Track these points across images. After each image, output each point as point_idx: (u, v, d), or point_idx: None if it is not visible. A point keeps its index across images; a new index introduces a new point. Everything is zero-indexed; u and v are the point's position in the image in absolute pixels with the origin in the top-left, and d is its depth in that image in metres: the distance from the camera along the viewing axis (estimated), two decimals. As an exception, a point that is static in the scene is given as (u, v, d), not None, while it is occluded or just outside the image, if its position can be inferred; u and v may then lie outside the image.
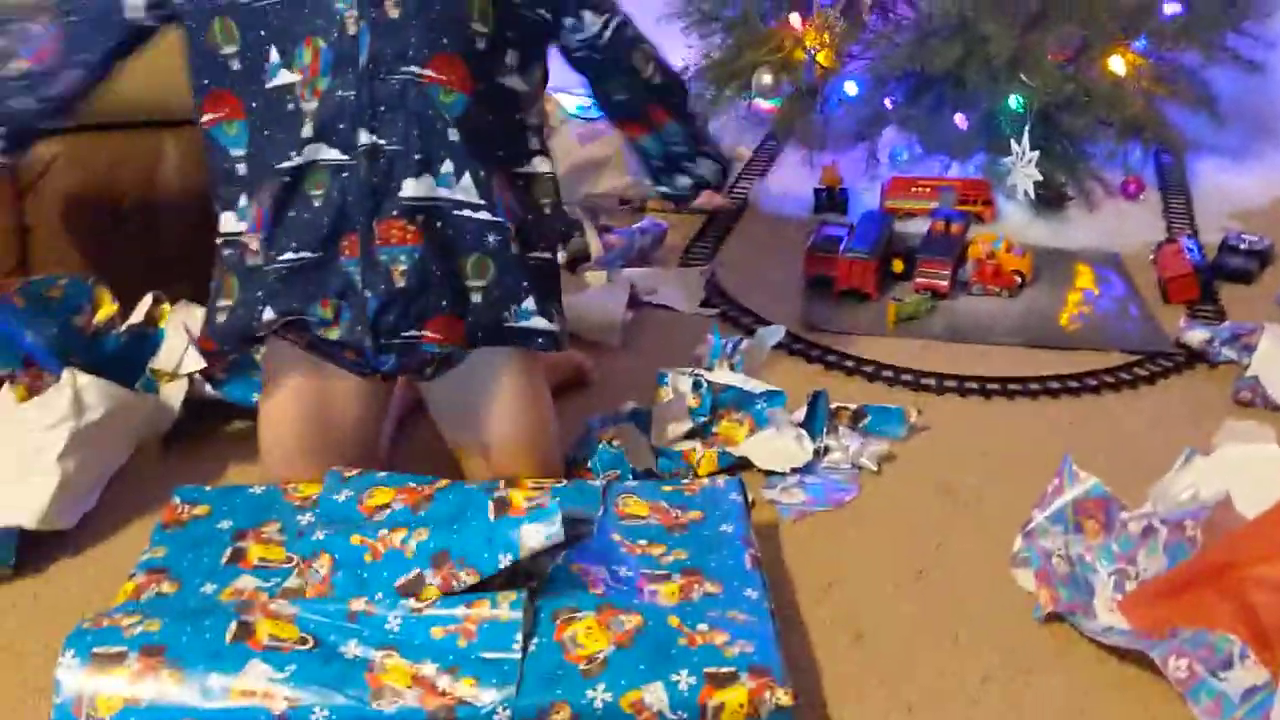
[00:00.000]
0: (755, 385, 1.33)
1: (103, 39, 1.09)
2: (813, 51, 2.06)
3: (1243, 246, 1.82)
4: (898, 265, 1.77)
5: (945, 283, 1.71)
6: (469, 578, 0.91)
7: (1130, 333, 1.64)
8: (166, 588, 0.98)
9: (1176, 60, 2.05)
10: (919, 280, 1.73)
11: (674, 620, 0.92)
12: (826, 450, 1.32)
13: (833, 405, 1.37)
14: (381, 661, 0.88)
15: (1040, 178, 1.89)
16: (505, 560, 0.91)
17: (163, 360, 1.27)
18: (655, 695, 0.87)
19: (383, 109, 1.01)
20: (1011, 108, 1.99)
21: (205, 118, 1.06)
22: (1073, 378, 1.51)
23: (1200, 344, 1.55)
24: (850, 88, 2.09)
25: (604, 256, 1.73)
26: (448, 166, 1.03)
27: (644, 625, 0.91)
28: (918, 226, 1.88)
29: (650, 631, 0.91)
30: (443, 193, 1.04)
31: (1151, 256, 1.84)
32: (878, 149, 2.12)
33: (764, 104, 2.30)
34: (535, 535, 0.91)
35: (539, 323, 1.11)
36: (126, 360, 1.27)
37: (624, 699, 0.86)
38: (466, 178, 1.04)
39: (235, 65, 1.02)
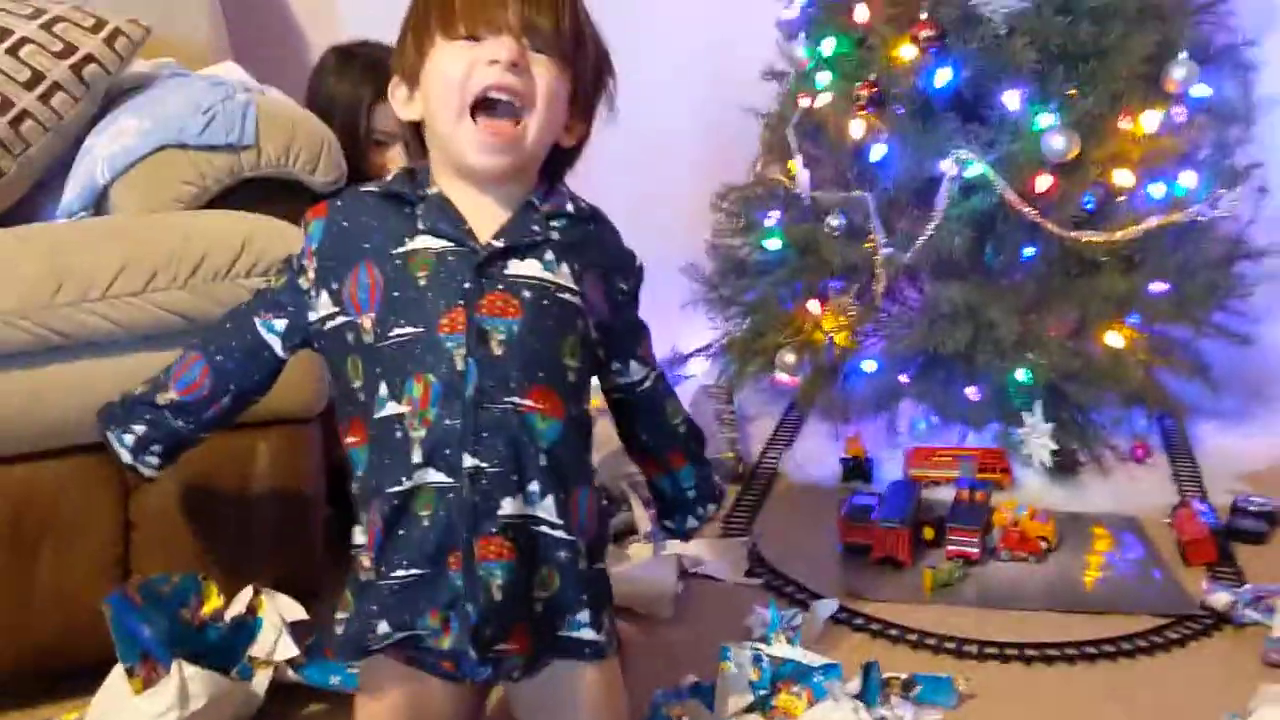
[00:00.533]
0: (813, 658, 1.40)
1: (253, 371, 1.24)
2: (830, 335, 2.23)
3: (1252, 508, 1.92)
4: (928, 533, 1.87)
5: (976, 550, 1.81)
6: None
7: (1157, 596, 1.72)
8: None
9: (1168, 334, 2.22)
10: (950, 548, 1.82)
11: None
12: (882, 720, 1.38)
13: (884, 675, 1.44)
14: None
15: (1055, 446, 2.01)
16: None
17: (259, 648, 1.34)
18: None
19: (485, 434, 1.10)
20: (1020, 381, 2.13)
21: (346, 440, 1.18)
22: (1107, 642, 1.58)
23: (1225, 606, 1.63)
24: (868, 365, 2.25)
25: (650, 530, 1.82)
26: (534, 486, 1.12)
27: None
28: (942, 494, 1.98)
29: None
30: (529, 511, 1.13)
31: (1168, 520, 1.94)
32: (896, 420, 2.26)
33: (785, 378, 2.46)
34: None
35: (587, 634, 1.17)
36: (227, 648, 1.34)
37: None
38: (550, 498, 1.13)
39: (361, 397, 1.14)
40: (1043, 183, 2.04)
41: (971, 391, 2.22)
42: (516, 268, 1.13)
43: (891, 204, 2.19)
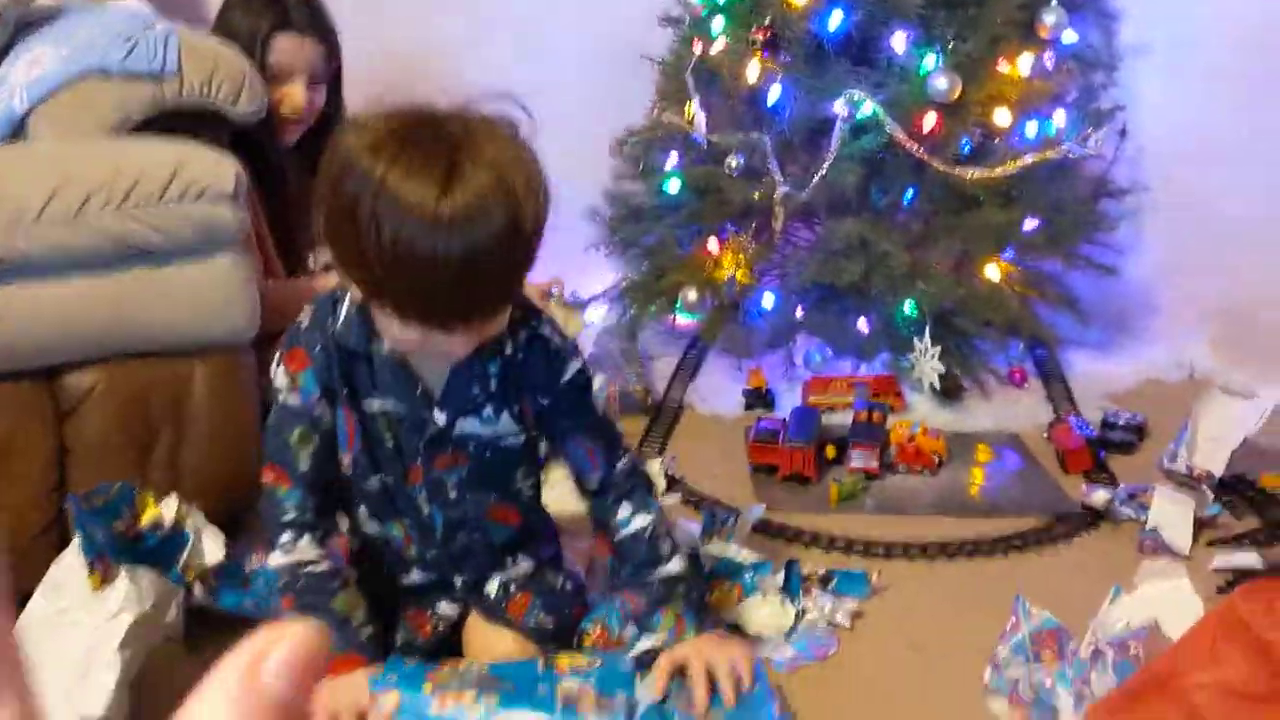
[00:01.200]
0: (746, 556, 1.49)
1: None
2: (731, 272, 2.32)
3: (1121, 422, 2.08)
4: (830, 452, 1.98)
5: (875, 465, 1.93)
6: None
7: (1041, 498, 1.86)
8: None
9: (1041, 268, 2.38)
10: (852, 464, 1.93)
11: None
12: (804, 612, 1.48)
13: (803, 572, 1.54)
14: None
15: (943, 369, 2.14)
16: None
17: (190, 557, 1.37)
18: None
19: (457, 548, 1.31)
20: (907, 313, 2.26)
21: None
22: (1000, 539, 1.72)
23: (1103, 504, 1.78)
24: (767, 300, 2.35)
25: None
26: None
27: None
28: (840, 418, 2.10)
29: None
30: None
31: (1046, 435, 2.09)
32: (794, 354, 2.37)
33: (684, 319, 2.55)
34: None
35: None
36: (161, 559, 1.35)
37: None
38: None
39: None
40: (928, 122, 2.16)
41: (863, 324, 2.34)
42: (462, 427, 1.25)
43: (786, 145, 2.29)
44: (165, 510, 1.39)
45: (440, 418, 1.22)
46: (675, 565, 1.29)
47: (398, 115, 1.06)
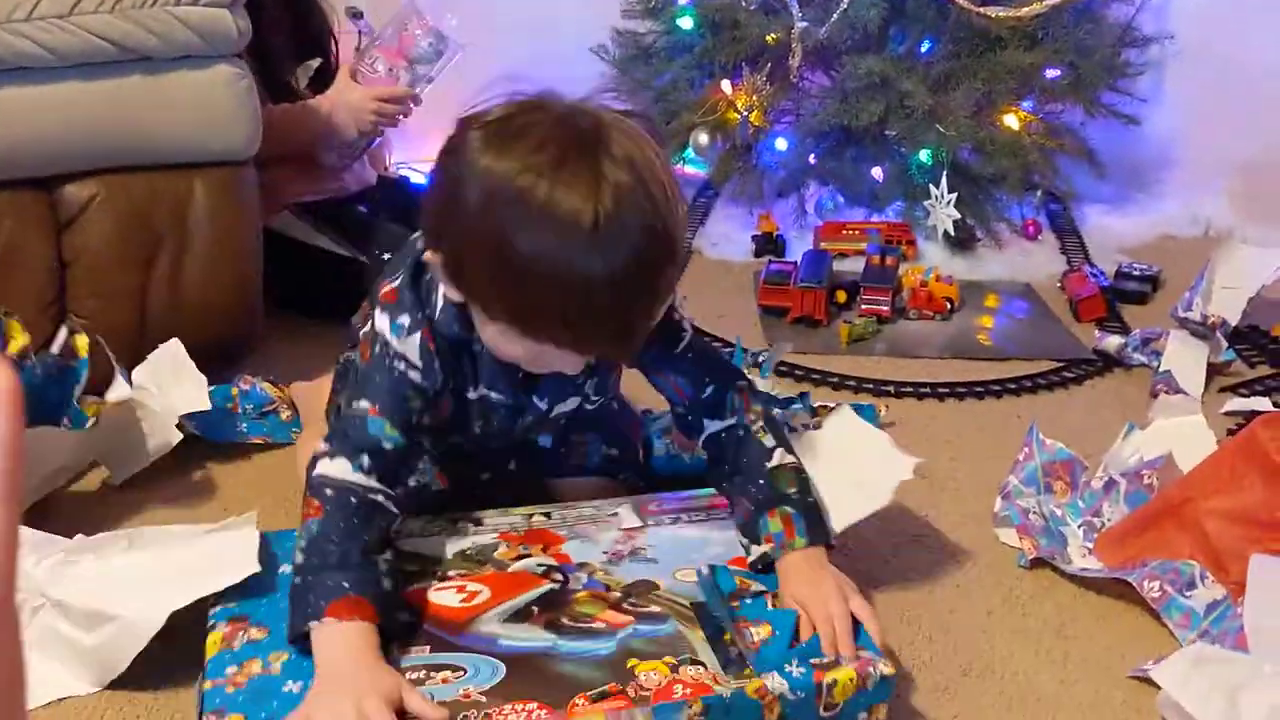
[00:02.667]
0: (778, 391, 1.49)
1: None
2: (745, 113, 2.26)
3: (1135, 273, 2.05)
4: (840, 296, 1.95)
5: (887, 308, 1.90)
6: None
7: (1052, 343, 1.85)
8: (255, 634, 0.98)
9: (1059, 118, 2.31)
10: (864, 306, 1.91)
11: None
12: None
13: (815, 404, 1.53)
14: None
15: (959, 216, 2.10)
16: None
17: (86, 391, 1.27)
18: (775, 682, 0.94)
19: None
20: (923, 161, 2.21)
21: None
22: (1011, 380, 1.70)
23: (1116, 349, 1.76)
24: (780, 144, 2.29)
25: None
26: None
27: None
28: (851, 264, 2.07)
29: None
30: None
31: (1059, 283, 2.06)
32: (805, 201, 2.32)
33: (690, 168, 2.49)
34: None
35: None
36: (48, 394, 1.25)
37: (748, 687, 0.93)
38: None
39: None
40: (954, -43, 2.08)
41: (877, 172, 2.29)
42: (559, 408, 1.16)
43: (805, -21, 2.20)
44: (55, 343, 1.27)
45: (541, 404, 1.14)
46: (777, 458, 1.13)
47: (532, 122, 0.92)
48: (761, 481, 1.11)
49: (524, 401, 1.13)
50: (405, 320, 1.04)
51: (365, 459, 1.01)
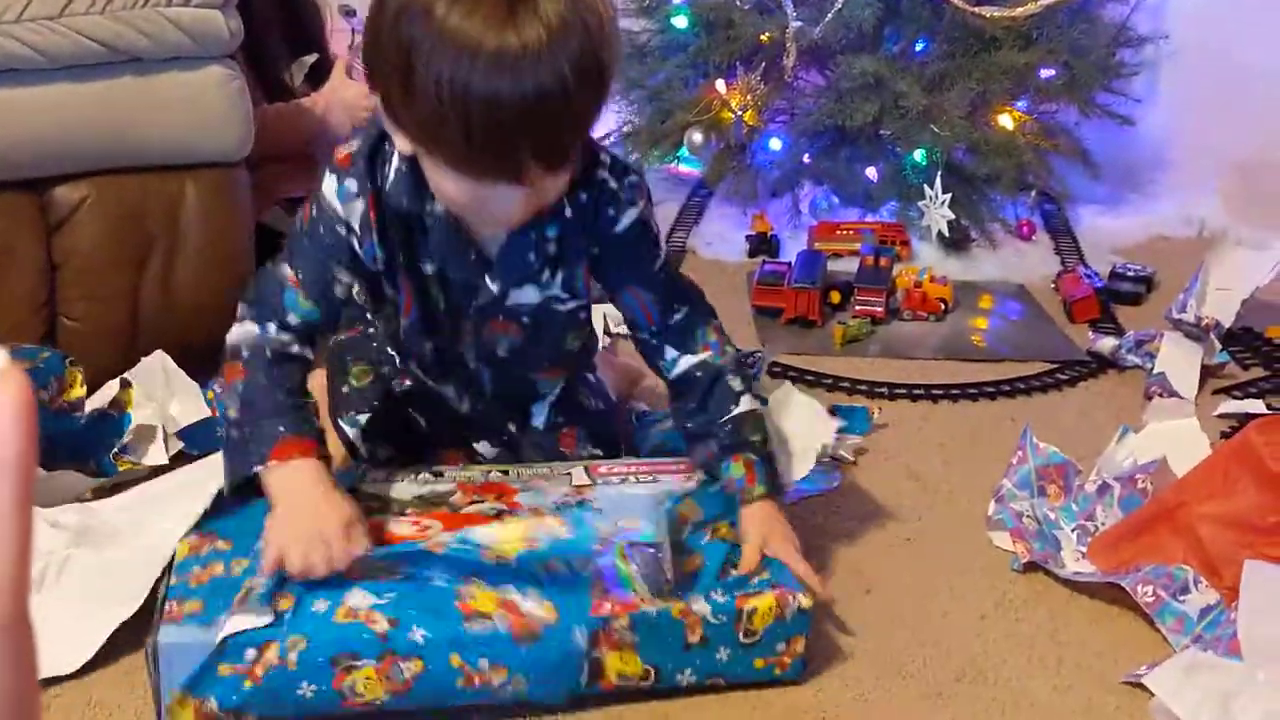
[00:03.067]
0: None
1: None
2: (740, 112, 2.25)
3: (1130, 274, 2.05)
4: (835, 296, 1.95)
5: (881, 309, 1.90)
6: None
7: (1046, 345, 1.84)
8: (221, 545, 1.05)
9: (1053, 118, 2.31)
10: (858, 307, 1.91)
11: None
12: (809, 447, 1.47)
13: (808, 408, 1.53)
14: (469, 590, 0.98)
15: (953, 217, 2.10)
16: None
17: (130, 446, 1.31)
18: (699, 605, 1.02)
19: (501, 401, 1.25)
20: (917, 161, 2.21)
21: None
22: (1004, 382, 1.70)
23: (1110, 351, 1.76)
24: (775, 143, 2.29)
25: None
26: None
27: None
28: (845, 265, 2.06)
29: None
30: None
31: (1053, 284, 2.06)
32: (799, 201, 2.32)
33: (687, 168, 2.49)
34: None
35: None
36: (86, 441, 1.28)
37: (673, 609, 1.01)
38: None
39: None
40: (948, -43, 2.07)
41: (871, 172, 2.29)
42: (515, 296, 1.15)
43: (799, -21, 2.19)
44: (101, 394, 1.32)
45: (494, 286, 1.13)
46: (745, 404, 1.16)
47: None
48: (729, 426, 1.15)
49: (475, 281, 1.13)
50: (353, 186, 1.07)
51: (272, 327, 1.07)
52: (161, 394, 1.35)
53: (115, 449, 1.30)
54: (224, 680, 0.94)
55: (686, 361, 1.18)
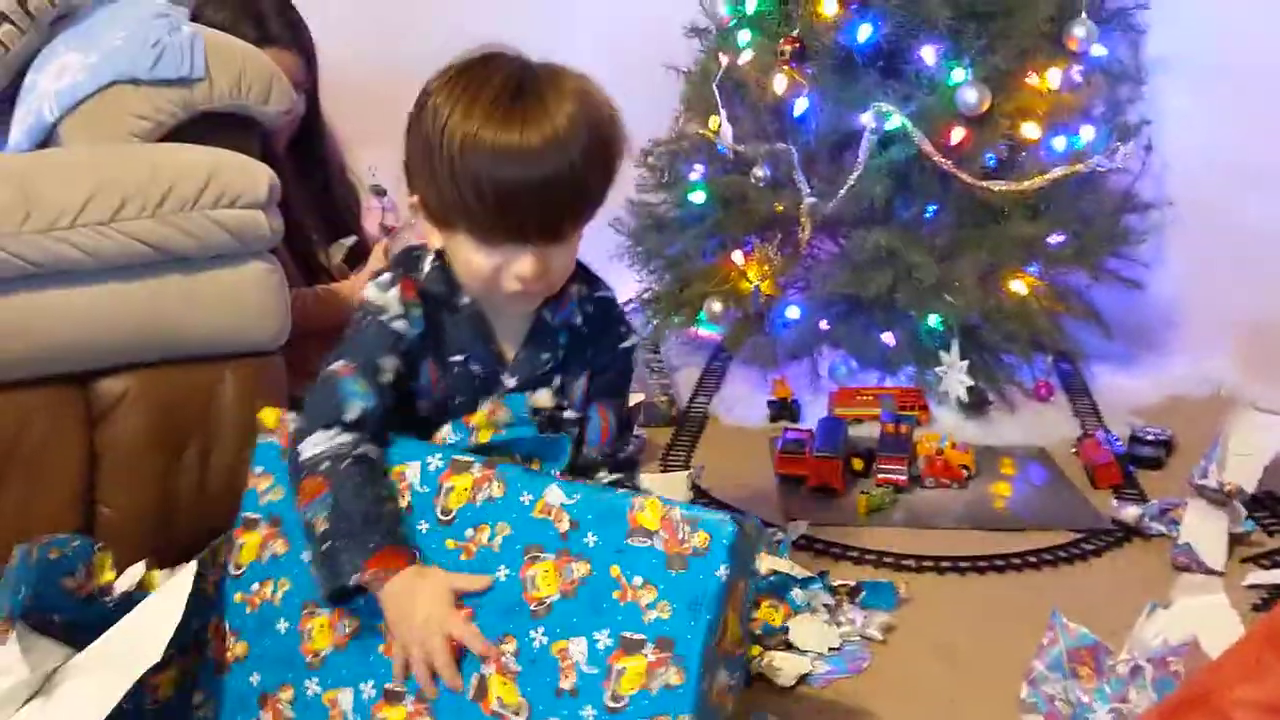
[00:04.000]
0: (799, 571, 1.50)
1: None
2: (757, 283, 2.31)
3: (1149, 437, 2.07)
4: (857, 464, 1.97)
5: (904, 477, 1.92)
6: None
7: (1071, 513, 1.85)
8: (280, 548, 1.13)
9: (1066, 282, 2.36)
10: (880, 476, 1.92)
11: (615, 570, 1.00)
12: (838, 624, 1.47)
13: (834, 583, 1.53)
14: None
15: (971, 383, 2.13)
16: None
17: None
18: (579, 648, 0.99)
19: None
20: (932, 326, 2.26)
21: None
22: (1030, 553, 1.71)
23: (1134, 519, 1.77)
24: (792, 311, 2.34)
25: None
26: None
27: (589, 575, 1.01)
28: (866, 431, 2.09)
29: (592, 581, 1.00)
30: None
31: (1074, 449, 2.08)
32: (818, 366, 2.36)
33: (707, 331, 2.55)
34: None
35: None
36: (107, 624, 1.22)
37: (554, 646, 1.00)
38: None
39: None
40: (956, 135, 2.15)
41: (888, 337, 2.33)
42: (529, 396, 1.21)
43: (812, 156, 2.28)
44: (128, 576, 1.31)
45: (511, 381, 1.20)
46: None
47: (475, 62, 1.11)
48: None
49: (497, 372, 1.19)
50: (388, 278, 1.16)
51: (336, 430, 1.10)
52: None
53: None
54: None
55: (612, 478, 1.26)
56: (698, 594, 0.97)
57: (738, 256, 2.37)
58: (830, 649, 1.42)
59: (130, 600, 1.30)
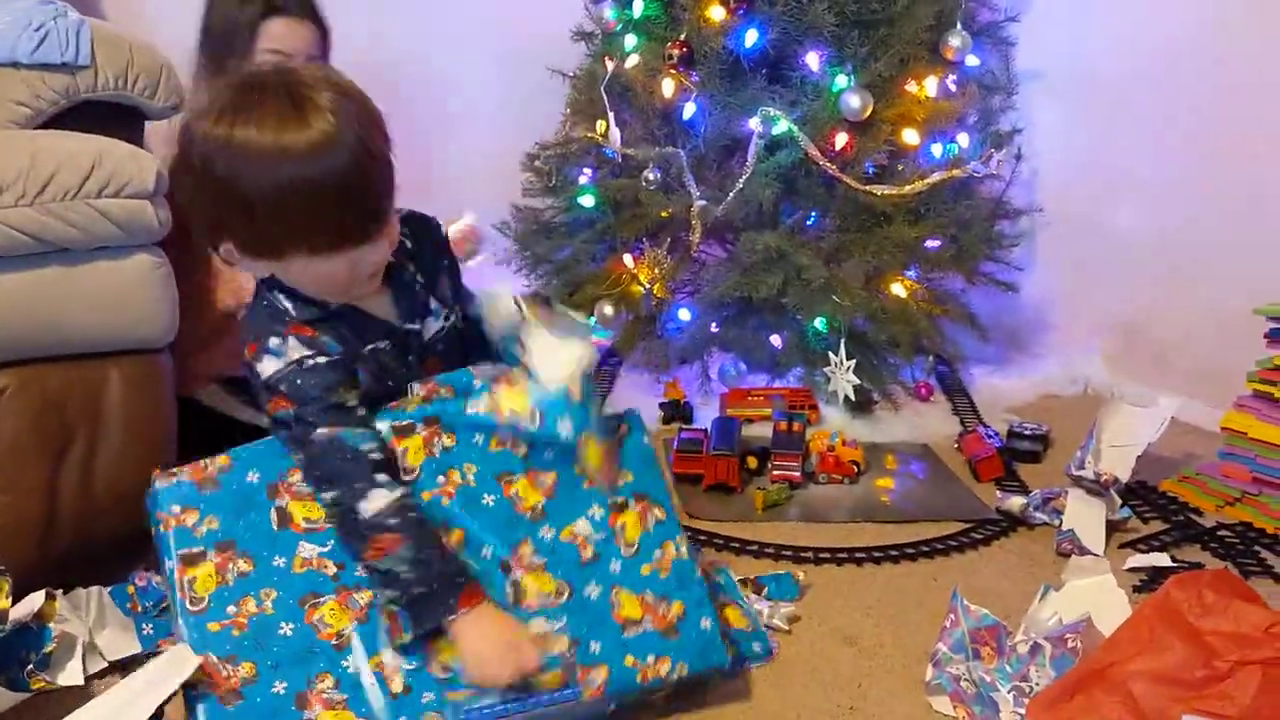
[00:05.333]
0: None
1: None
2: (648, 286, 2.32)
3: (1027, 432, 2.14)
4: (752, 462, 1.99)
5: (798, 474, 1.94)
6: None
7: (958, 505, 1.90)
8: (244, 566, 1.15)
9: (944, 286, 2.43)
10: (775, 472, 1.95)
11: (578, 468, 1.25)
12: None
13: (736, 578, 1.54)
14: None
15: (858, 382, 2.18)
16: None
17: (47, 666, 1.29)
18: (583, 527, 1.25)
19: None
20: (819, 328, 2.30)
21: None
22: (923, 543, 1.75)
23: (1019, 509, 1.83)
24: (683, 314, 2.35)
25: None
26: None
27: (559, 479, 1.24)
28: (759, 430, 2.11)
29: (564, 482, 1.25)
30: None
31: (956, 445, 2.14)
32: (709, 368, 2.38)
33: (596, 338, 2.54)
34: None
35: None
36: (5, 654, 1.26)
37: (563, 533, 1.23)
38: None
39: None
40: (840, 140, 2.20)
41: (776, 339, 2.36)
42: (428, 328, 1.28)
43: (701, 160, 2.30)
44: (24, 605, 1.29)
45: (414, 327, 1.26)
46: None
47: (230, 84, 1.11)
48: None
49: (403, 331, 1.25)
50: (274, 341, 1.17)
51: (382, 475, 1.16)
52: (92, 621, 1.32)
53: (31, 664, 1.26)
54: None
55: None
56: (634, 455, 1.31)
57: (628, 260, 2.38)
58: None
59: (25, 631, 1.24)
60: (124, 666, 1.33)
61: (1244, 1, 2.15)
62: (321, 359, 1.17)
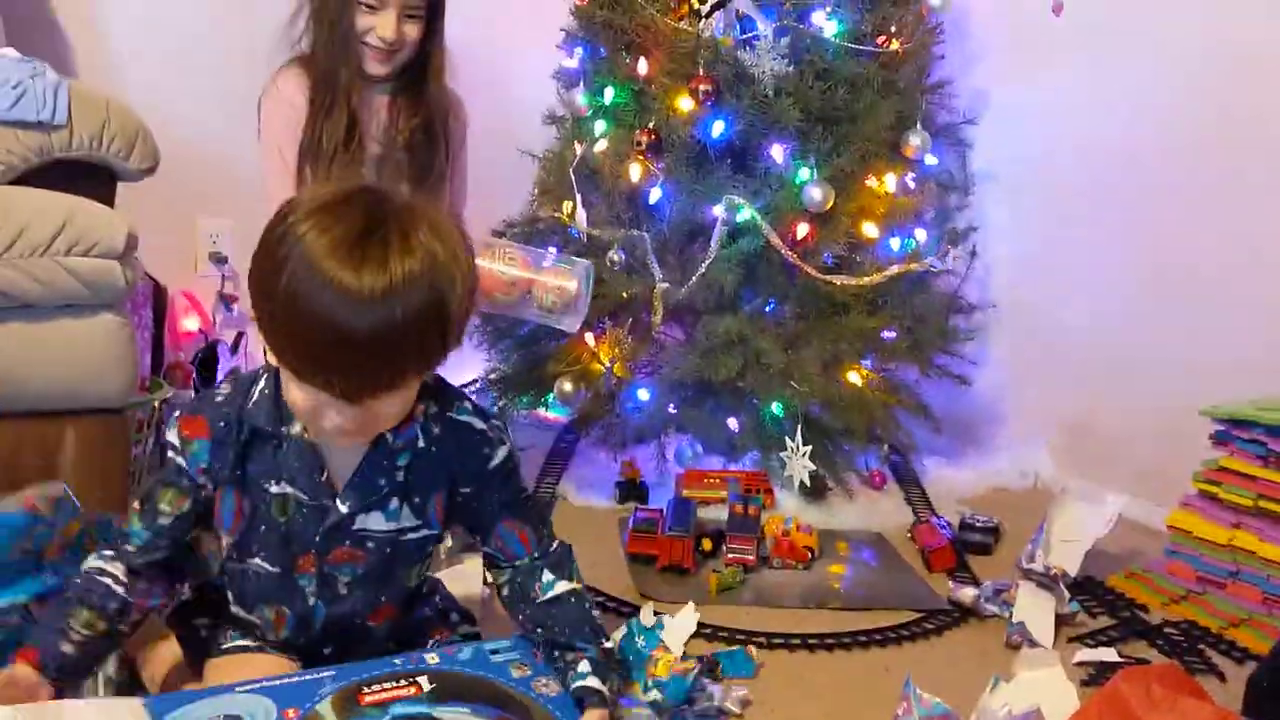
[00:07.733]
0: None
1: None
2: (609, 365, 2.34)
3: (978, 524, 2.17)
4: (706, 544, 2.00)
5: (752, 557, 1.95)
6: None
7: (911, 594, 1.91)
8: None
9: (898, 376, 2.47)
10: (730, 555, 1.95)
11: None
12: (693, 701, 1.47)
13: (691, 661, 1.53)
14: None
15: (814, 468, 2.20)
16: None
17: None
18: None
19: (329, 640, 1.27)
20: (775, 413, 2.32)
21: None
22: (876, 631, 1.75)
23: (971, 600, 1.84)
24: (642, 394, 2.37)
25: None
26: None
27: None
28: (714, 513, 2.12)
29: None
30: None
31: (909, 534, 2.16)
32: (665, 448, 2.39)
33: (551, 414, 2.56)
34: None
35: None
36: None
37: None
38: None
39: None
40: (802, 229, 2.25)
41: (733, 422, 2.38)
42: (363, 522, 1.21)
43: (664, 244, 2.34)
44: None
45: (342, 508, 1.19)
46: (599, 632, 1.30)
47: (340, 188, 1.08)
48: (591, 650, 1.26)
49: (324, 502, 1.18)
50: (177, 414, 1.19)
51: (109, 551, 1.18)
52: None
53: None
54: None
55: (563, 586, 1.30)
56: None
57: (589, 338, 2.40)
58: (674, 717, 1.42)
59: None
60: None
61: (1187, 110, 2.24)
62: (179, 460, 1.18)
